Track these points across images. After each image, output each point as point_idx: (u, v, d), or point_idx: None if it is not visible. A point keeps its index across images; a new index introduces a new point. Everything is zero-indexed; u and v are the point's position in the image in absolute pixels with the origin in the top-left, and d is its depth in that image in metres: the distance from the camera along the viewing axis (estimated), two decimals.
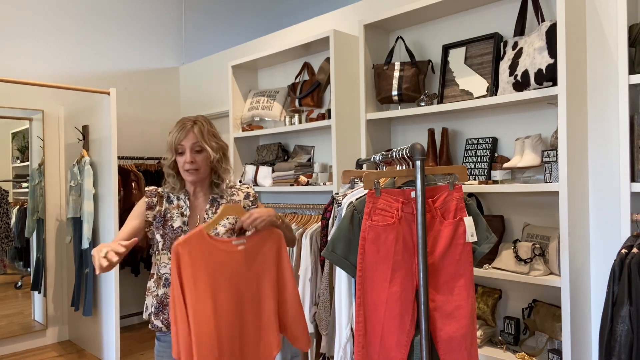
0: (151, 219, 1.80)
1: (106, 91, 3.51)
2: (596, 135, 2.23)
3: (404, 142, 2.98)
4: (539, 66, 2.14)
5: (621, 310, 1.65)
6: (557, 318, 2.20)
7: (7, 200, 3.97)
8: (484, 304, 2.48)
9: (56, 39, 4.27)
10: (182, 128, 1.76)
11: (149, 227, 1.81)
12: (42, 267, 4.11)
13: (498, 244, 2.42)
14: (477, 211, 1.79)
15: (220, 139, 1.84)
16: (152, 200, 1.81)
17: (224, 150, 1.84)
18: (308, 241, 2.75)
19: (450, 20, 2.76)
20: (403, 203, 1.67)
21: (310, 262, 2.72)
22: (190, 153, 1.74)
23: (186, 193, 1.84)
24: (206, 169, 1.80)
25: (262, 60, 3.69)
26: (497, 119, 2.58)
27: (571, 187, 2.10)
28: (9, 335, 3.92)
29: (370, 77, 2.89)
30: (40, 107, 4.11)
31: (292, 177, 3.37)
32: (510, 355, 2.29)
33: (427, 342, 1.60)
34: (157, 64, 4.92)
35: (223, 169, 1.83)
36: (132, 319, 4.63)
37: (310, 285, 2.70)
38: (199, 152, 1.76)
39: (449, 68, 2.67)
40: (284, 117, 3.54)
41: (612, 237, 2.18)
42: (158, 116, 4.90)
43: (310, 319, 2.68)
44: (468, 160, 2.58)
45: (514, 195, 2.51)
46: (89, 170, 3.65)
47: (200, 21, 5.22)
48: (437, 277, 1.67)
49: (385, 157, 1.97)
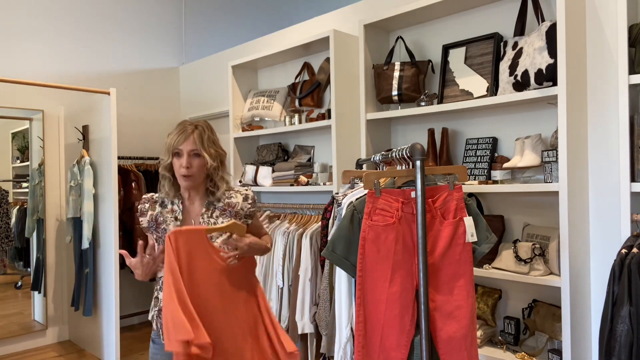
0: (145, 224, 1.81)
1: (106, 91, 3.51)
2: (596, 135, 2.23)
3: (404, 142, 2.98)
4: (539, 66, 2.14)
5: (621, 310, 1.65)
6: (557, 318, 2.20)
7: (7, 200, 3.97)
8: (484, 304, 2.48)
9: (56, 39, 4.27)
10: (182, 131, 1.74)
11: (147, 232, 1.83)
12: (42, 267, 4.11)
13: (498, 244, 2.42)
14: (477, 211, 1.79)
15: (220, 147, 1.82)
16: (144, 206, 1.82)
17: (222, 158, 1.81)
18: (308, 241, 2.75)
19: (450, 20, 2.76)
20: (403, 203, 1.67)
21: (310, 262, 2.72)
22: (187, 157, 1.72)
23: (180, 198, 1.82)
24: (201, 175, 1.77)
25: (262, 60, 3.69)
26: (497, 119, 2.58)
27: (571, 187, 2.10)
28: (9, 335, 3.92)
29: (370, 77, 2.89)
30: (40, 107, 4.11)
31: (292, 177, 3.37)
32: (510, 355, 2.29)
33: (427, 342, 1.60)
34: (157, 64, 4.92)
35: (219, 177, 1.80)
36: (132, 319, 4.63)
37: (310, 285, 2.70)
38: (196, 157, 1.74)
39: (449, 68, 2.67)
40: (284, 117, 3.54)
41: (612, 237, 2.18)
42: (158, 116, 4.90)
43: (310, 319, 2.68)
44: (468, 160, 2.58)
45: (514, 195, 2.51)
46: (89, 170, 3.65)
47: (200, 21, 5.22)
48: (437, 277, 1.67)
49: (385, 157, 1.98)
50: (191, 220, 1.80)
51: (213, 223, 1.78)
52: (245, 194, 1.87)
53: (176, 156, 1.74)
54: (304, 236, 2.77)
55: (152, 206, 1.81)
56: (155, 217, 1.80)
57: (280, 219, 3.23)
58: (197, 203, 1.82)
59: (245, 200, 1.86)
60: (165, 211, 1.80)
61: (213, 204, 1.81)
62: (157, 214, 1.80)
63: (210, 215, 1.79)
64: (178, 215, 1.79)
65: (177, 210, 1.80)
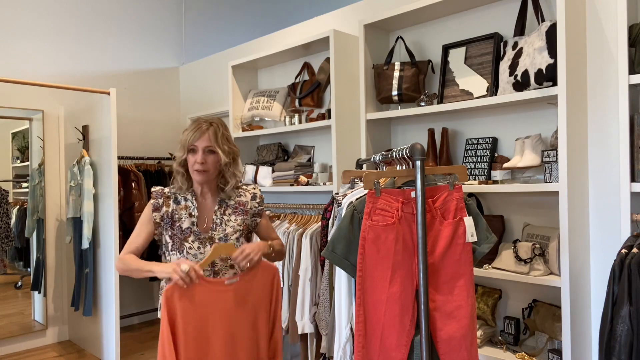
0: (159, 219, 1.82)
1: (106, 91, 3.51)
2: (596, 135, 2.23)
3: (404, 142, 2.98)
4: (539, 66, 2.14)
5: (621, 310, 1.64)
6: (557, 318, 2.20)
7: (7, 200, 3.97)
8: (484, 304, 2.48)
9: (56, 39, 4.27)
10: (197, 128, 1.78)
11: (157, 228, 1.83)
12: (42, 267, 4.11)
13: (498, 244, 2.42)
14: (477, 211, 1.79)
15: (233, 144, 1.87)
16: (158, 201, 1.83)
17: (235, 154, 1.87)
18: (308, 241, 2.75)
19: (450, 20, 2.76)
20: (403, 203, 1.67)
21: (310, 262, 2.72)
22: (202, 154, 1.77)
23: (193, 193, 1.86)
24: (215, 171, 1.82)
25: (262, 60, 3.69)
26: (497, 119, 2.58)
27: (571, 187, 2.10)
28: (9, 335, 3.92)
29: (370, 77, 2.89)
30: (40, 107, 4.11)
31: (292, 177, 3.37)
32: (510, 355, 2.29)
33: (427, 342, 1.60)
34: (157, 64, 4.92)
35: (231, 172, 1.85)
36: (132, 319, 4.63)
37: (310, 285, 2.70)
38: (210, 153, 1.79)
39: (449, 68, 2.67)
40: (284, 117, 3.54)
41: (612, 237, 2.18)
42: (158, 116, 4.90)
43: (310, 319, 2.68)
44: (468, 160, 2.58)
45: (514, 195, 2.51)
46: (89, 170, 3.65)
47: (200, 21, 5.22)
48: (437, 277, 1.67)
49: (385, 157, 1.97)
50: (204, 216, 1.84)
51: (226, 220, 1.84)
52: (254, 193, 1.94)
53: (191, 152, 1.79)
54: (304, 236, 2.77)
55: (166, 202, 1.83)
56: (171, 214, 1.82)
57: (280, 219, 3.23)
58: (210, 199, 1.87)
59: (254, 199, 1.92)
60: (179, 207, 1.83)
61: (225, 202, 1.87)
62: (173, 211, 1.83)
63: (223, 213, 1.85)
64: (193, 212, 1.83)
65: (192, 207, 1.84)
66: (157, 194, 1.84)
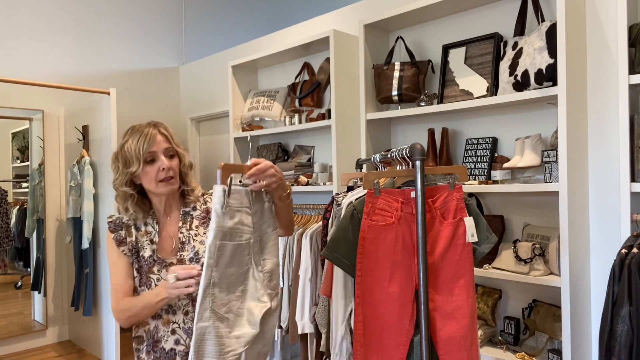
0: (128, 253, 1.54)
1: (106, 91, 3.51)
2: (596, 135, 2.23)
3: (404, 142, 2.98)
4: (539, 66, 2.14)
5: (621, 310, 1.64)
6: (557, 318, 2.20)
7: (7, 200, 3.97)
8: (484, 304, 2.48)
9: (56, 39, 4.27)
10: (145, 134, 1.49)
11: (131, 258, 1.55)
12: (42, 267, 4.11)
13: (498, 244, 2.42)
14: (478, 211, 1.78)
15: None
16: (120, 234, 1.55)
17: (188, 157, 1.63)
18: (308, 241, 2.74)
19: (450, 20, 2.76)
20: (402, 203, 1.67)
21: (310, 262, 2.72)
22: (165, 158, 1.50)
23: (154, 216, 1.58)
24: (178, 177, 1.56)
25: (262, 60, 3.69)
26: (497, 119, 2.58)
27: (571, 187, 2.09)
28: (9, 335, 3.92)
29: (370, 77, 2.89)
30: (40, 107, 4.11)
31: (292, 177, 3.37)
32: (510, 355, 2.29)
33: (427, 342, 1.59)
34: (157, 64, 4.92)
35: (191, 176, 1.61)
36: None
37: (310, 285, 2.70)
38: (172, 157, 1.54)
39: (449, 68, 2.67)
40: (284, 117, 3.53)
41: (612, 237, 2.18)
42: (158, 116, 4.89)
43: (310, 318, 2.68)
44: (468, 160, 2.58)
45: (514, 195, 2.51)
46: (89, 170, 3.65)
47: (200, 21, 5.22)
48: (436, 277, 1.67)
49: (384, 157, 1.97)
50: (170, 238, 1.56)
51: (193, 235, 1.55)
52: None
53: (149, 163, 1.49)
54: (304, 236, 2.77)
55: (128, 232, 1.55)
56: (135, 243, 1.54)
57: None
58: (174, 215, 1.58)
59: None
60: (140, 234, 1.55)
61: (189, 214, 1.59)
62: (136, 239, 1.54)
63: (190, 228, 1.56)
64: (154, 237, 1.54)
65: (152, 232, 1.55)
66: (116, 225, 1.56)
